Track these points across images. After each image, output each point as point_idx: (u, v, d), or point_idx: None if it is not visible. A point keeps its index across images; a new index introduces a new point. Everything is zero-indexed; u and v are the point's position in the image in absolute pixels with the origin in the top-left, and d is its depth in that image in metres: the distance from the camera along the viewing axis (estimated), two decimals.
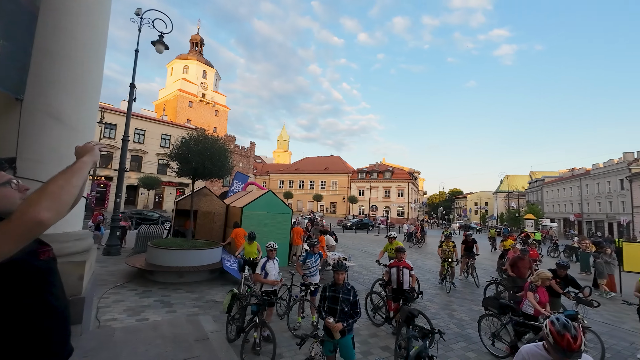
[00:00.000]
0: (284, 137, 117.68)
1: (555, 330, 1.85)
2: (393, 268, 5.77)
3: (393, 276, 5.68)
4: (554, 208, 55.30)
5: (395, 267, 5.75)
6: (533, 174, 75.05)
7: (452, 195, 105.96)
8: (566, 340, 1.78)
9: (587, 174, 45.56)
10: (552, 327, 1.87)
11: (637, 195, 34.20)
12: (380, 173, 52.74)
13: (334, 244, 10.33)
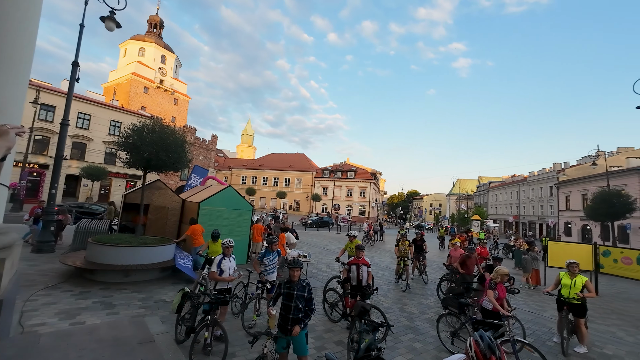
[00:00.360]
0: (249, 132, 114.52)
1: (480, 351, 1.73)
2: (353, 265, 5.90)
3: (353, 273, 5.82)
4: (497, 210, 61.16)
5: (355, 265, 5.88)
6: (481, 178, 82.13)
7: (410, 196, 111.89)
8: None
9: (524, 180, 51.10)
10: (477, 348, 1.75)
11: (562, 200, 39.22)
12: (344, 172, 53.82)
13: (294, 241, 10.32)
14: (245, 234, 10.36)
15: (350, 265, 5.94)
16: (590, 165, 31.42)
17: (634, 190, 27.18)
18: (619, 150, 39.01)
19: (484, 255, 9.75)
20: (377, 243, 21.27)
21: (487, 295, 4.82)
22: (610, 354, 5.46)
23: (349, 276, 5.88)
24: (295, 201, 54.49)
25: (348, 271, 5.97)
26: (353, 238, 7.51)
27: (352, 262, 5.93)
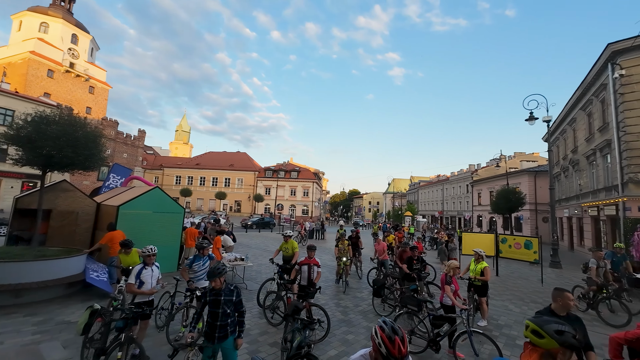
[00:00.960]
0: (185, 128, 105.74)
1: (386, 335, 1.74)
2: (304, 266, 5.86)
3: (304, 273, 5.80)
4: (426, 206, 68.22)
5: (307, 265, 5.85)
6: (413, 178, 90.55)
7: (351, 195, 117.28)
8: (397, 345, 1.70)
9: (447, 180, 58.08)
10: (382, 333, 1.75)
11: (475, 197, 45.72)
12: (287, 172, 53.66)
13: (231, 244, 9.88)
14: (176, 239, 9.55)
15: (301, 266, 5.89)
16: (494, 167, 37.32)
17: (526, 187, 33.19)
18: (515, 155, 47.24)
19: (420, 249, 10.63)
20: (319, 241, 21.85)
21: (445, 291, 4.98)
22: (502, 324, 6.57)
23: (300, 276, 5.88)
24: (236, 202, 52.26)
25: (298, 271, 5.96)
26: (288, 238, 7.52)
27: (304, 262, 5.88)
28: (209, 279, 3.40)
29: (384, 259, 9.11)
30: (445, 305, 5.07)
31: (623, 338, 2.91)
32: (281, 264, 7.20)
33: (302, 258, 6.16)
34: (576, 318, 3.11)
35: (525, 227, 33.50)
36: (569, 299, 3.05)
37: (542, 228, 30.89)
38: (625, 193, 13.40)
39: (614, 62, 14.21)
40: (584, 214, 19.17)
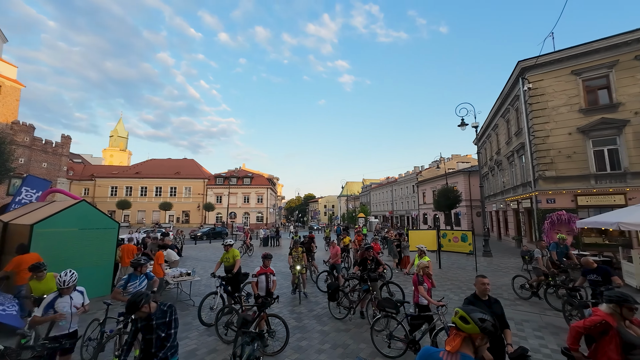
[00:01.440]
0: (121, 133, 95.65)
1: None
2: (261, 276, 5.61)
3: (262, 284, 5.56)
4: (378, 207, 71.61)
5: (264, 274, 5.62)
6: (365, 180, 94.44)
7: (306, 200, 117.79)
8: None
9: (396, 181, 61.84)
10: None
11: (421, 196, 49.45)
12: (239, 179, 51.82)
13: (176, 259, 9.15)
14: (109, 257, 8.50)
15: (258, 276, 5.62)
16: (435, 168, 40.82)
17: (462, 186, 36.95)
18: (453, 157, 52.39)
19: (377, 250, 10.68)
20: (274, 248, 21.45)
21: (419, 291, 4.85)
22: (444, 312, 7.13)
23: (258, 287, 5.62)
24: (184, 212, 48.73)
25: (257, 283, 5.65)
26: (229, 247, 7.15)
27: (261, 272, 5.65)
28: (128, 313, 3.06)
29: (336, 262, 9.12)
30: (421, 304, 4.97)
31: (582, 326, 2.98)
32: (223, 276, 6.79)
33: (258, 268, 5.95)
34: (495, 300, 3.56)
35: (463, 221, 37.16)
36: (482, 283, 3.57)
37: (477, 222, 34.66)
38: (536, 188, 15.72)
39: (524, 76, 16.68)
40: (507, 208, 21.99)
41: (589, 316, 4.05)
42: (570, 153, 14.97)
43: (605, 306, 2.99)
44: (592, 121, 14.54)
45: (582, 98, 15.04)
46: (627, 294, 2.94)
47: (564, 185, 14.94)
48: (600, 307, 3.05)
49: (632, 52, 14.02)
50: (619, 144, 14.04)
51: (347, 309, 6.79)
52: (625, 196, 13.56)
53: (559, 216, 14.06)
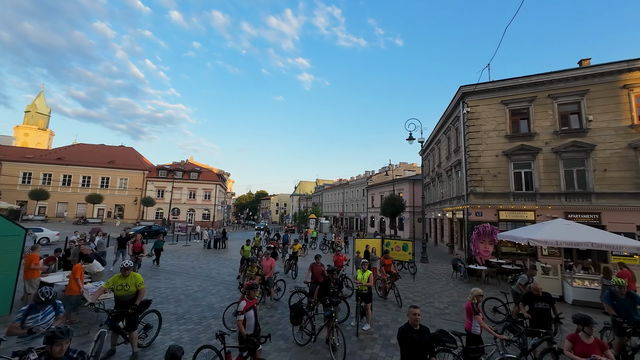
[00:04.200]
0: (41, 109, 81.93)
1: None
2: (249, 310, 4.43)
3: (250, 320, 4.44)
4: (329, 208, 73.08)
5: (252, 308, 4.49)
6: (318, 181, 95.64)
7: (258, 197, 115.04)
8: None
9: (347, 184, 63.81)
10: None
11: (370, 200, 51.83)
12: (186, 173, 48.27)
13: (100, 270, 8.07)
14: (9, 271, 7.12)
15: (245, 312, 4.39)
16: (384, 174, 43.13)
17: (407, 193, 39.68)
18: (400, 165, 55.98)
19: (339, 263, 10.25)
20: (220, 251, 20.40)
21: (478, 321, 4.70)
22: (382, 325, 7.50)
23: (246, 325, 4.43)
24: (117, 207, 43.68)
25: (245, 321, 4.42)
26: (127, 270, 5.22)
27: (248, 306, 4.45)
28: (47, 343, 2.59)
29: (269, 276, 8.51)
30: (473, 334, 4.73)
31: None
32: (114, 310, 5.03)
33: (244, 302, 4.56)
34: (426, 329, 3.81)
35: (406, 226, 39.91)
36: (413, 313, 3.82)
37: (418, 227, 37.53)
38: (468, 202, 17.56)
39: (464, 100, 18.49)
40: (444, 216, 24.20)
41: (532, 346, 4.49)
42: (496, 173, 17.03)
43: None
44: (514, 146, 16.74)
45: (508, 125, 17.22)
46: None
47: (490, 201, 16.95)
48: None
49: (546, 91, 16.49)
50: (532, 168, 16.40)
51: (309, 334, 6.11)
52: (534, 213, 15.90)
53: (484, 228, 15.88)
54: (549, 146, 16.05)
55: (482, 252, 15.53)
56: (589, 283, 10.08)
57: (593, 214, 14.83)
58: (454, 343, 4.63)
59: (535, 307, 5.54)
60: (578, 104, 15.89)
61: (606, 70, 15.37)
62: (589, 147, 15.23)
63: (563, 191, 15.59)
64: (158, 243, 14.53)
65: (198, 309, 8.17)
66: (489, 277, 13.39)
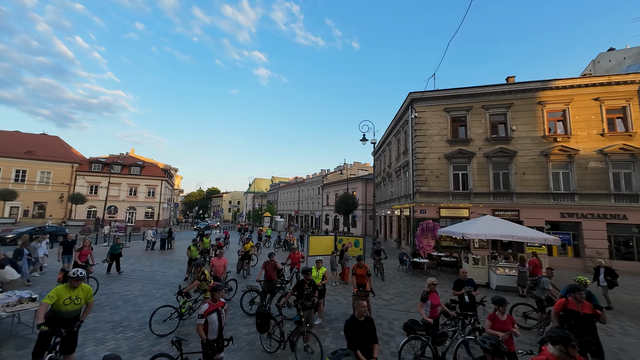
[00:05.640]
0: None
1: None
2: (212, 314, 4.17)
3: (214, 324, 4.17)
4: (285, 206, 72.58)
5: (216, 311, 4.23)
6: (274, 178, 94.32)
7: (209, 194, 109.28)
8: None
9: (303, 182, 64.10)
10: None
11: (325, 198, 52.79)
12: (126, 167, 43.69)
13: (14, 277, 6.95)
14: None
15: (208, 315, 4.13)
16: (339, 173, 44.28)
17: (360, 192, 41.30)
18: (355, 164, 58.04)
19: (295, 261, 10.40)
20: (166, 252, 18.98)
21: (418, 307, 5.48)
22: (333, 318, 7.77)
23: (209, 329, 4.14)
24: (36, 204, 37.79)
25: (206, 324, 4.13)
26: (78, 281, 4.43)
27: (211, 309, 4.20)
28: None
29: (222, 276, 8.25)
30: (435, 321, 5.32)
31: None
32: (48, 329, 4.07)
33: (206, 305, 4.30)
34: (370, 320, 4.08)
35: (358, 223, 41.55)
36: (362, 306, 4.06)
37: (369, 224, 39.37)
38: (414, 200, 18.98)
39: (412, 106, 19.90)
40: (393, 214, 25.78)
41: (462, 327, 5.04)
42: (438, 174, 18.69)
43: (552, 347, 2.93)
44: (453, 150, 18.56)
45: (449, 131, 19.01)
46: (568, 333, 2.96)
47: (433, 200, 18.55)
48: (547, 347, 3.02)
49: (480, 102, 18.59)
50: (468, 170, 18.37)
51: (278, 341, 5.68)
52: (469, 210, 17.84)
53: (427, 224, 17.31)
54: (482, 151, 18.14)
55: (425, 247, 16.93)
56: (509, 270, 11.67)
57: (514, 211, 17.18)
58: (423, 331, 5.07)
59: (463, 291, 6.34)
60: (505, 115, 18.23)
61: (526, 88, 17.90)
62: (512, 153, 17.59)
63: (492, 191, 17.77)
64: (115, 247, 12.33)
65: (139, 314, 7.54)
66: (430, 269, 14.68)
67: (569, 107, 17.28)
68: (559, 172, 17.10)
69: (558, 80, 17.46)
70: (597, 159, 16.58)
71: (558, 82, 17.43)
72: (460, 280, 6.60)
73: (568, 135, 17.07)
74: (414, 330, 5.03)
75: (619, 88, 16.81)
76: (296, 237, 22.93)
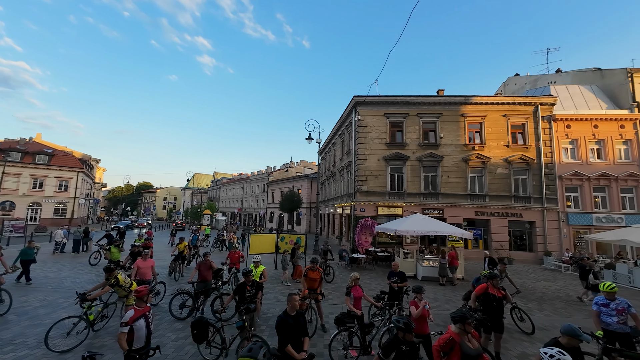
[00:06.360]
0: None
1: None
2: (139, 320, 3.75)
3: (141, 331, 3.72)
4: (227, 203, 69.27)
5: (143, 317, 3.82)
6: (216, 174, 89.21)
7: (140, 189, 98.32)
8: None
9: (248, 178, 62.04)
10: None
11: (270, 196, 51.93)
12: (29, 154, 36.50)
13: None
14: None
15: (133, 323, 3.69)
16: (285, 171, 44.07)
17: (305, 190, 41.69)
18: (301, 162, 58.33)
19: (234, 261, 10.05)
20: (80, 254, 16.43)
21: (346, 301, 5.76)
22: (270, 316, 7.70)
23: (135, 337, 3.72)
24: None
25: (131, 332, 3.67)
26: None
27: (138, 315, 3.78)
28: None
29: (206, 278, 7.66)
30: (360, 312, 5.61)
31: (438, 345, 3.34)
32: None
33: (132, 311, 3.86)
34: (301, 314, 4.17)
35: (303, 221, 41.91)
36: (295, 300, 4.14)
37: (314, 222, 40.06)
38: (355, 199, 19.93)
39: (356, 109, 20.85)
40: (335, 212, 26.67)
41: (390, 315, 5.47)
42: (377, 174, 19.95)
43: (453, 325, 3.43)
44: (391, 153, 20.03)
45: (388, 135, 20.44)
46: (467, 312, 3.47)
47: (372, 199, 19.74)
48: (451, 326, 3.48)
49: (415, 110, 20.41)
50: (403, 172, 20.02)
51: (220, 348, 5.31)
52: (402, 209, 19.46)
53: (365, 222, 18.36)
54: (415, 155, 19.94)
55: (363, 243, 17.92)
56: (432, 263, 13.08)
57: (439, 210, 19.30)
58: (353, 323, 5.42)
59: (392, 281, 7.00)
60: (435, 124, 20.34)
61: (452, 101, 20.24)
62: (440, 158, 19.73)
63: (422, 192, 19.66)
64: (27, 252, 10.08)
65: (38, 329, 6.39)
66: (367, 263, 15.61)
67: (484, 121, 20.11)
68: (475, 176, 19.78)
69: (477, 96, 20.16)
70: (503, 166, 19.64)
71: (477, 99, 20.13)
72: (392, 272, 7.24)
73: (483, 144, 19.85)
74: (344, 323, 5.31)
75: (520, 108, 20.18)
76: (238, 235, 22.09)
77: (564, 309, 9.49)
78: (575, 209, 19.55)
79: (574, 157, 20.03)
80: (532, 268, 17.13)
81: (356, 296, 5.84)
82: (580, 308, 9.63)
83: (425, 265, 12.97)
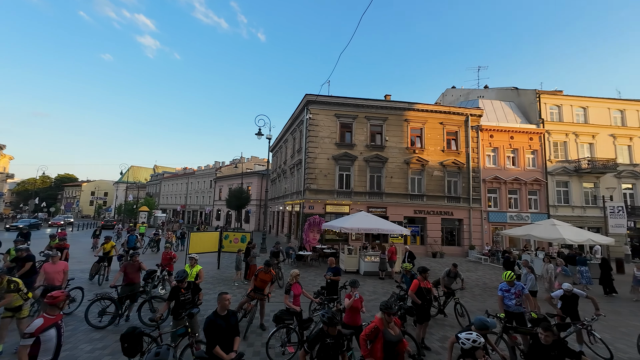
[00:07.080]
0: None
1: None
2: (50, 330, 3.24)
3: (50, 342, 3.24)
4: (168, 200, 63.93)
5: (55, 326, 3.32)
6: (157, 167, 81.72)
7: (60, 182, 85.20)
8: None
9: (193, 173, 58.11)
10: None
11: (217, 192, 49.40)
12: None
13: None
14: None
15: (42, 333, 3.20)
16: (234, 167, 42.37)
17: (255, 187, 40.60)
18: (252, 158, 56.62)
19: (164, 262, 9.43)
20: None
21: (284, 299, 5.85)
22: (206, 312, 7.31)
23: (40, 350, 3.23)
24: None
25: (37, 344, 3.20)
26: None
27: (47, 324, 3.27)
28: None
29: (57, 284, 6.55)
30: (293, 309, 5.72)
31: (364, 334, 3.51)
32: None
33: (40, 320, 3.29)
34: (233, 313, 4.05)
35: (252, 219, 40.81)
36: (225, 299, 3.99)
37: (263, 220, 39.25)
38: (304, 197, 20.06)
39: (308, 107, 20.96)
40: (285, 210, 26.51)
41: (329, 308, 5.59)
42: (326, 173, 20.36)
43: (380, 313, 3.70)
44: (340, 153, 20.62)
45: (338, 135, 20.99)
46: (391, 303, 3.98)
47: (320, 197, 20.07)
48: (378, 314, 3.74)
49: (364, 112, 21.31)
50: (351, 172, 20.77)
51: None
52: (349, 207, 20.18)
53: (314, 219, 18.60)
54: (362, 156, 20.82)
55: (311, 240, 18.13)
56: (374, 258, 13.82)
57: (382, 208, 20.48)
58: (292, 320, 5.51)
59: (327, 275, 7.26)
60: (381, 127, 21.49)
61: (397, 106, 21.61)
62: (385, 159, 20.93)
63: (367, 191, 20.64)
64: None
65: None
66: (313, 260, 15.83)
67: (425, 127, 21.90)
68: (415, 177, 21.44)
69: (419, 104, 21.85)
70: (439, 169, 21.66)
71: (419, 106, 21.81)
72: (329, 267, 7.49)
73: (422, 148, 21.60)
74: (283, 320, 5.35)
75: (454, 117, 22.45)
76: (177, 234, 20.58)
77: (480, 295, 10.87)
78: (494, 208, 22.48)
79: (495, 163, 23.01)
80: (458, 260, 19.14)
81: (296, 293, 5.88)
82: (493, 294, 11.13)
83: (367, 260, 13.64)
